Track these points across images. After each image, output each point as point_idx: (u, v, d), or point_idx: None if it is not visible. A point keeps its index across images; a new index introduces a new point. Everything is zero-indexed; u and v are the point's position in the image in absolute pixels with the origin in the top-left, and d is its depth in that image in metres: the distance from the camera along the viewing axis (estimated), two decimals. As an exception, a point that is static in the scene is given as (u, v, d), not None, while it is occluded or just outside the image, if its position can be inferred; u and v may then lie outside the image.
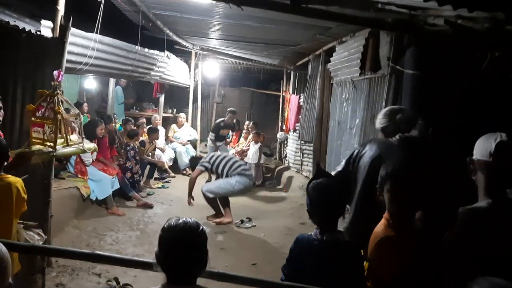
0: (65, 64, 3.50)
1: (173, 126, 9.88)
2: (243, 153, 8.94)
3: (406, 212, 1.98)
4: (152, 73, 7.01)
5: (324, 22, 5.41)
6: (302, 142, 8.01)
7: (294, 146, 8.53)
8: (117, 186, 6.18)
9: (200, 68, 10.74)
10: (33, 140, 2.99)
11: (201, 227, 1.54)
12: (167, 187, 7.92)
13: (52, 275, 3.82)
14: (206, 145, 12.31)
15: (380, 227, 2.02)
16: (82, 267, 4.00)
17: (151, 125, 8.53)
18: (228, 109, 8.75)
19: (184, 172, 9.21)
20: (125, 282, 3.82)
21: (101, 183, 5.90)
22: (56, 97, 2.92)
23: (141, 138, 7.56)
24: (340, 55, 5.95)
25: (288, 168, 8.87)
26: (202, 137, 10.58)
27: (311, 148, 7.52)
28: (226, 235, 5.37)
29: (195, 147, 10.01)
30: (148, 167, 7.80)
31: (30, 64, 3.39)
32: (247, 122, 10.35)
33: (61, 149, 3.08)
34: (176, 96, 11.55)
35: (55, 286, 3.70)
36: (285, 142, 9.51)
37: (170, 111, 11.38)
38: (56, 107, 2.89)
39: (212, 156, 5.95)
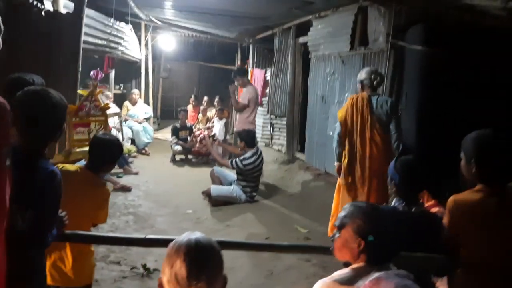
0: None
1: (126, 103, 9.28)
2: (208, 130, 8.82)
3: None
4: (120, 47, 6.55)
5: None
6: (272, 116, 8.09)
7: (261, 120, 8.56)
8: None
9: (150, 41, 10.21)
10: (75, 142, 2.74)
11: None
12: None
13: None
14: (156, 123, 11.89)
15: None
16: (97, 257, 3.77)
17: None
18: (179, 109, 9.07)
19: (144, 151, 8.81)
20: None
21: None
22: (97, 96, 2.70)
23: None
24: (320, 30, 6.06)
25: (253, 142, 8.87)
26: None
27: (283, 122, 7.64)
28: (226, 211, 5.37)
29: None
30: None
31: (45, 44, 3.01)
32: (205, 98, 10.13)
33: None
34: (121, 72, 10.86)
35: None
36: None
37: (117, 87, 10.71)
38: (101, 104, 2.67)
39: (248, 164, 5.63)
